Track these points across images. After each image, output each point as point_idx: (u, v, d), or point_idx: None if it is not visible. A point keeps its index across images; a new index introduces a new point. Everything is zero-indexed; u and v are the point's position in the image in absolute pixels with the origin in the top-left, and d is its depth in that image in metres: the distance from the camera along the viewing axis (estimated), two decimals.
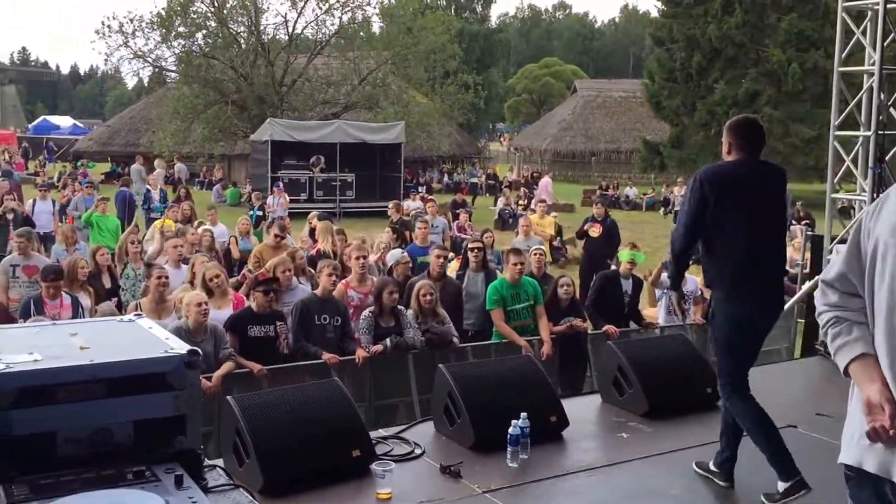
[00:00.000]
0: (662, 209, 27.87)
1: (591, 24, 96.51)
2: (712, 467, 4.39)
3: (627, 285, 8.38)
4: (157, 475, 1.74)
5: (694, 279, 9.03)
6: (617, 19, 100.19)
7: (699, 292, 8.77)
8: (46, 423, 1.78)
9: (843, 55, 7.66)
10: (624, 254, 8.64)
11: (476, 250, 8.20)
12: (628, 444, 4.91)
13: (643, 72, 43.29)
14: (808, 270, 8.38)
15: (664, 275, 8.48)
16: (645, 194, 30.80)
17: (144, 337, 2.15)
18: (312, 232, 11.17)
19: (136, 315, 2.40)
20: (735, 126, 4.23)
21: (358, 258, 7.71)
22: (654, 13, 40.95)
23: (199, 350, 1.95)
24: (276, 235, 9.48)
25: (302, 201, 21.53)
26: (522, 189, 27.18)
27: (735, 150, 4.18)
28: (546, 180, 25.54)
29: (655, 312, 9.15)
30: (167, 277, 7.11)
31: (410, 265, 8.56)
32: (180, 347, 1.97)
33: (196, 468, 1.79)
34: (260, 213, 16.48)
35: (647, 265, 9.87)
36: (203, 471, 1.89)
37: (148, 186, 17.50)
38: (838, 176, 7.85)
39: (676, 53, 31.94)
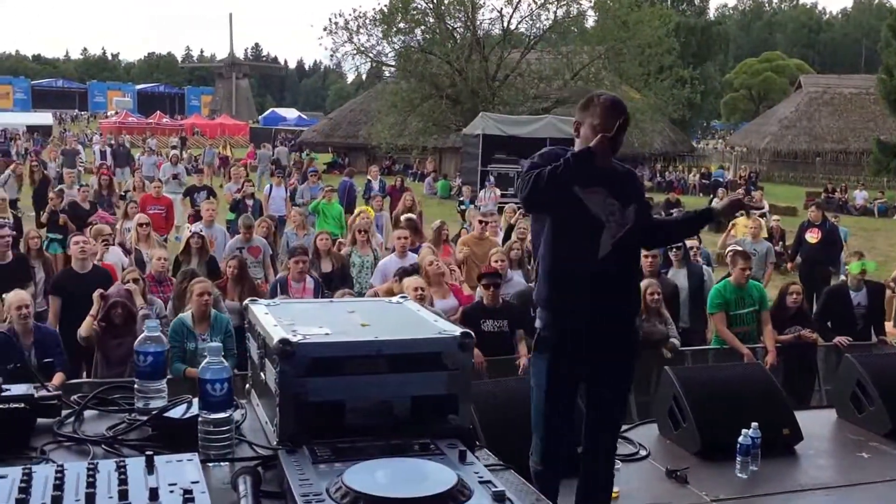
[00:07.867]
0: None
1: (818, 15, 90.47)
2: None
3: (860, 297, 7.86)
4: (441, 449, 1.83)
5: None
6: (849, 9, 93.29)
7: None
8: (336, 393, 1.92)
9: None
10: (853, 266, 8.08)
11: (675, 249, 8.19)
12: (869, 465, 4.57)
13: (878, 67, 40.02)
14: None
15: None
16: (876, 199, 28.43)
17: (416, 318, 2.27)
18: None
19: (402, 297, 2.53)
20: None
21: None
22: (894, 2, 37.69)
23: (472, 333, 2.03)
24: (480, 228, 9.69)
25: (510, 195, 21.74)
26: (740, 190, 25.94)
27: None
28: None
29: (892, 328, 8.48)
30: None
31: None
32: (453, 329, 2.06)
33: (469, 446, 1.85)
34: (471, 205, 16.78)
35: (882, 274, 9.11)
36: (475, 449, 1.95)
37: (369, 177, 18.34)
38: None
39: None
